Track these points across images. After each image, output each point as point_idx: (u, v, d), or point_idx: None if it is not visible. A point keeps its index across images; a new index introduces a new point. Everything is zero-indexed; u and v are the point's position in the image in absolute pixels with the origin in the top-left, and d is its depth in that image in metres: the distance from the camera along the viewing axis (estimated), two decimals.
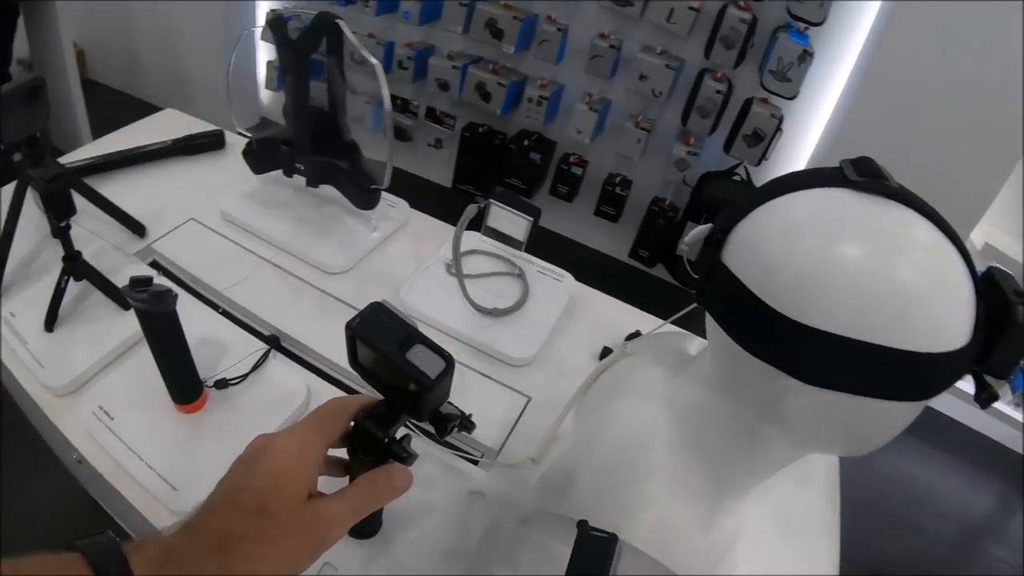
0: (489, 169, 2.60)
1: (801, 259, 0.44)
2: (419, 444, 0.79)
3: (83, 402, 0.81)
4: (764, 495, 0.62)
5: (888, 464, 2.14)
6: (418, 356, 0.50)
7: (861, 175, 0.45)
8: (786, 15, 1.92)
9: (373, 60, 0.96)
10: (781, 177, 0.50)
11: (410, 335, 0.51)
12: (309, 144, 1.08)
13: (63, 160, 1.20)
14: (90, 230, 1.05)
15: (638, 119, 2.26)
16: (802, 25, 1.92)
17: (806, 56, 1.89)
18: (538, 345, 0.94)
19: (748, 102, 2.07)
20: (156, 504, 0.72)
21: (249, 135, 1.18)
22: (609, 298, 1.09)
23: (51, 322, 0.88)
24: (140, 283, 0.68)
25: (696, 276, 0.53)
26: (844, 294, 0.42)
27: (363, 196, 1.07)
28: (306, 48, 1.00)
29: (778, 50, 1.92)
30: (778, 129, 2.04)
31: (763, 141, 2.06)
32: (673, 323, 0.70)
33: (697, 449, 0.57)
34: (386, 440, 0.52)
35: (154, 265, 1.07)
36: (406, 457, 0.52)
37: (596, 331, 1.00)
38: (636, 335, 0.92)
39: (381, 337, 0.50)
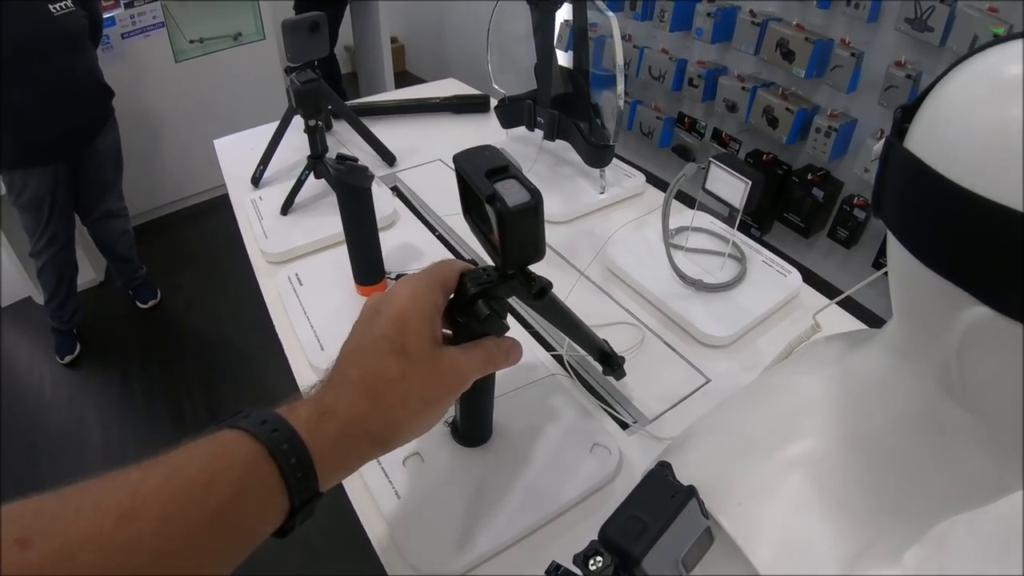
0: (767, 200, 2.43)
1: (980, 110, 0.31)
2: (575, 391, 0.73)
3: (284, 270, 0.93)
4: None
5: None
6: (505, 186, 0.45)
7: None
8: None
9: (609, 14, 0.94)
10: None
11: (506, 168, 0.46)
12: (549, 97, 1.09)
13: (351, 102, 1.39)
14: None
15: None
16: None
17: None
18: (736, 330, 0.82)
19: None
20: (301, 354, 0.79)
21: (504, 92, 1.23)
22: (846, 314, 0.91)
23: (286, 207, 1.03)
24: (344, 158, 0.73)
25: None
26: None
27: (594, 153, 1.05)
28: (551, 6, 1.00)
29: None
30: None
31: None
32: None
33: (861, 447, 0.43)
34: (473, 293, 0.47)
35: (394, 189, 1.16)
36: (487, 316, 0.48)
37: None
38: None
39: (475, 166, 0.46)
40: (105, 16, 2.53)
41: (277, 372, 2.06)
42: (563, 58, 1.18)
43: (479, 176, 0.45)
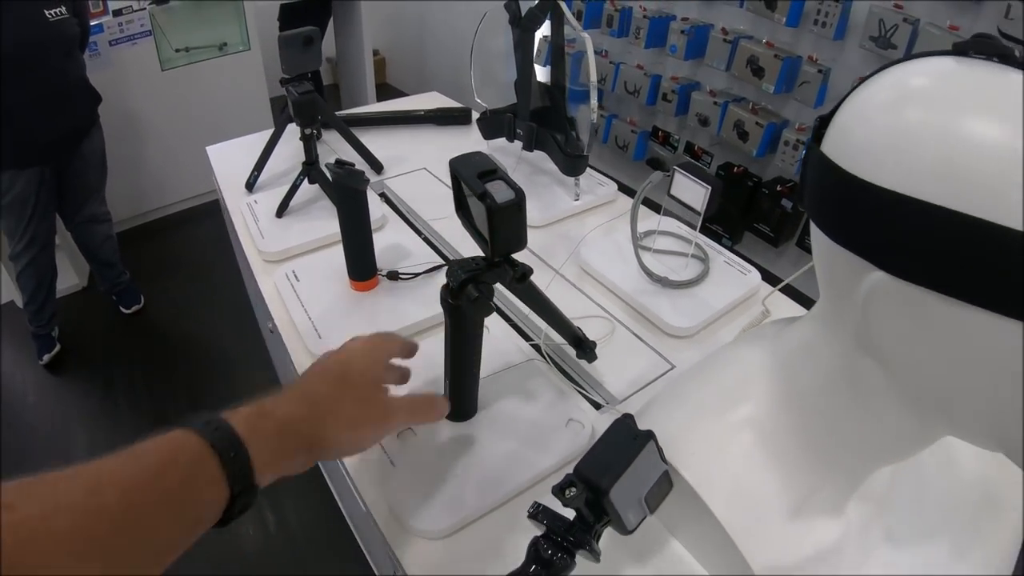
0: (738, 210, 2.52)
1: (878, 114, 0.39)
2: (551, 375, 0.80)
3: (281, 268, 0.99)
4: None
5: None
6: (494, 186, 0.53)
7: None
8: None
9: (584, 34, 1.02)
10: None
11: (495, 171, 0.54)
12: (528, 111, 1.17)
13: (339, 112, 1.46)
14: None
15: None
16: None
17: None
18: (698, 322, 0.90)
19: None
20: (300, 342, 0.86)
21: (486, 105, 1.31)
22: (796, 305, 1.00)
23: (281, 210, 1.10)
24: (342, 163, 0.80)
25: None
26: (922, 150, 0.36)
27: (569, 162, 1.13)
28: (531, 25, 1.08)
29: None
30: None
31: None
32: None
33: (796, 405, 0.51)
34: (464, 279, 0.55)
35: (381, 196, 1.23)
36: (477, 298, 0.56)
37: None
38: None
39: (469, 169, 0.55)
40: (93, 23, 2.58)
41: (262, 376, 2.11)
42: (541, 73, 1.26)
43: (472, 177, 0.53)
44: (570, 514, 0.47)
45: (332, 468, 0.96)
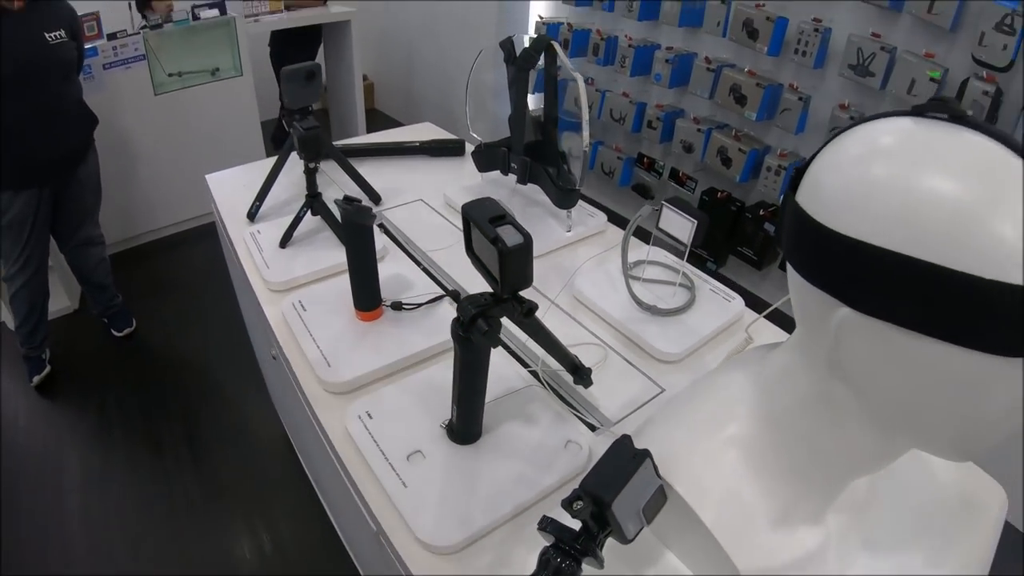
0: (722, 235, 2.60)
1: (844, 170, 0.45)
2: (550, 399, 0.86)
3: (288, 298, 1.04)
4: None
5: None
6: (504, 230, 0.59)
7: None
8: None
9: (577, 75, 1.08)
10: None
11: (504, 216, 0.60)
12: (522, 146, 1.23)
13: (336, 143, 1.51)
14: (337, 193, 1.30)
15: None
16: None
17: None
18: (686, 347, 0.96)
19: None
20: (309, 371, 0.90)
21: (480, 139, 1.37)
22: (779, 331, 1.06)
23: (285, 241, 1.15)
24: (350, 200, 0.85)
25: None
26: (882, 203, 0.42)
27: (561, 195, 1.19)
28: (526, 65, 1.15)
29: None
30: None
31: None
32: None
33: (776, 425, 0.57)
34: (474, 314, 0.60)
35: (380, 226, 1.28)
36: (487, 332, 0.61)
37: None
38: None
39: (480, 214, 0.60)
40: (88, 47, 2.62)
41: (255, 398, 2.14)
42: (532, 103, 1.31)
43: (484, 222, 0.59)
44: (575, 526, 0.52)
45: (333, 491, 1.00)
